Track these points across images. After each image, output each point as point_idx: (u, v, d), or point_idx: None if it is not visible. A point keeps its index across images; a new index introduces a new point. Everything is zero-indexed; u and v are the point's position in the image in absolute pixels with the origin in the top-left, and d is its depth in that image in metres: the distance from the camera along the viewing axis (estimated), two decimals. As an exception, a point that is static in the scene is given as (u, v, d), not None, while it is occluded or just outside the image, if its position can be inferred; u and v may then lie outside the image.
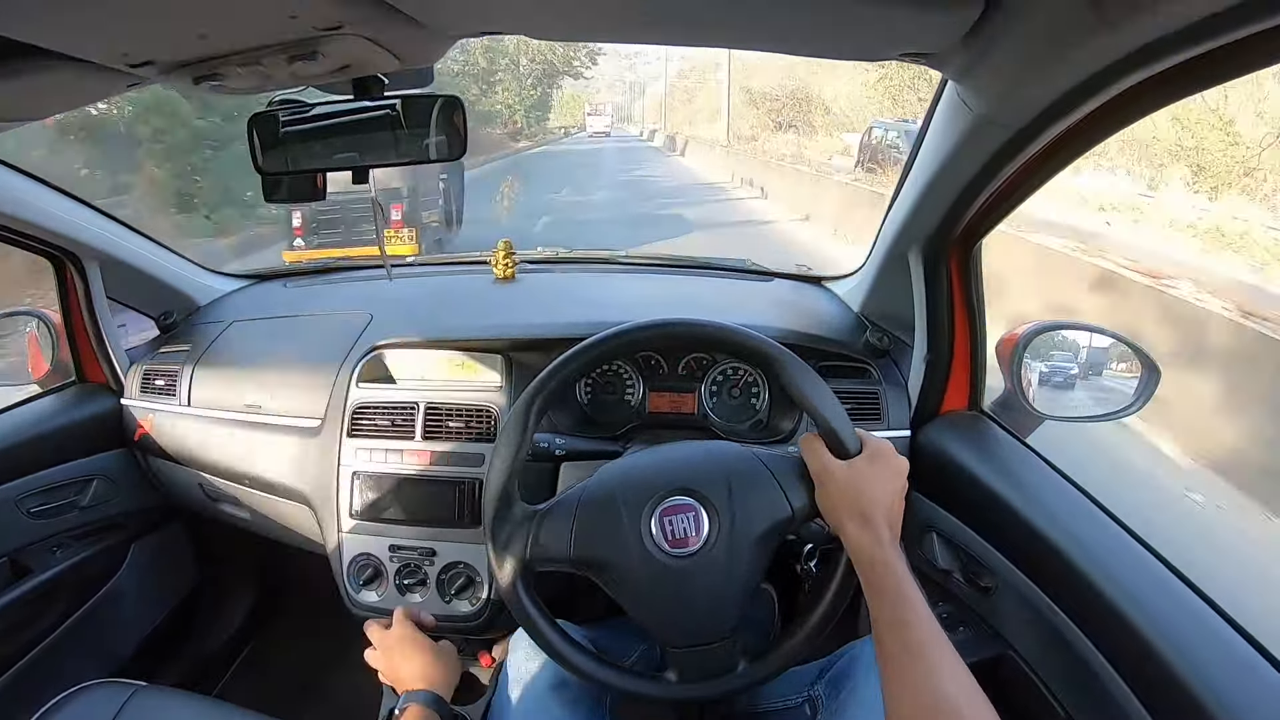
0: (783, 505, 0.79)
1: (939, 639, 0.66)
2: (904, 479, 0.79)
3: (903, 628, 0.67)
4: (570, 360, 0.82)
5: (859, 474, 0.77)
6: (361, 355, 1.30)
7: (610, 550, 0.79)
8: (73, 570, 1.42)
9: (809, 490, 0.79)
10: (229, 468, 1.37)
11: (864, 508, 0.74)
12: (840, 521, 0.76)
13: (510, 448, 0.81)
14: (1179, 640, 0.74)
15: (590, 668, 0.81)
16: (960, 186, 0.93)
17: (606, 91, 62.88)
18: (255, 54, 0.71)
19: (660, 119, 45.14)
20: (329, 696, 1.63)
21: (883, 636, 0.68)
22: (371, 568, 1.22)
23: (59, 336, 1.46)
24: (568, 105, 52.70)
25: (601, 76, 58.20)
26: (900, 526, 0.77)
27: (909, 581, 0.70)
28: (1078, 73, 0.65)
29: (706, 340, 0.87)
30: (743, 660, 0.82)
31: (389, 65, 0.79)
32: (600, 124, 46.75)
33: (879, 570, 0.71)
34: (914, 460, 1.17)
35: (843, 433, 0.78)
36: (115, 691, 1.00)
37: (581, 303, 1.53)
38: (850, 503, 0.75)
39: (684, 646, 0.81)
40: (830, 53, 0.83)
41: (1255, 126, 9.62)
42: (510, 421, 0.81)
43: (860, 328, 1.33)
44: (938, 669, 0.64)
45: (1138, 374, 1.11)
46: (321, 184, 1.07)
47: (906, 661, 0.65)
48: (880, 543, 0.73)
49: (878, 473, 0.77)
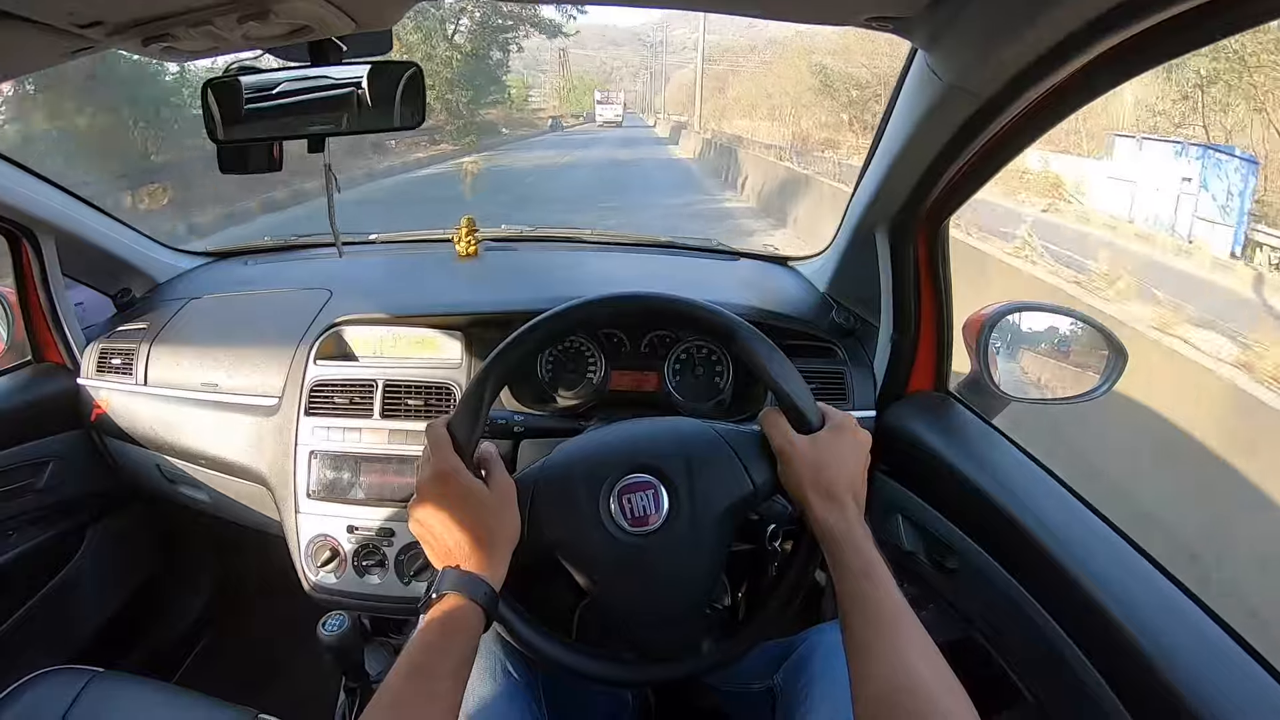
0: (744, 481, 0.78)
1: (906, 614, 0.65)
2: (866, 452, 0.78)
3: (869, 603, 0.66)
4: (528, 334, 0.79)
5: (822, 448, 0.75)
6: (320, 332, 1.28)
7: (568, 531, 0.77)
8: (28, 555, 1.40)
9: (771, 466, 0.78)
10: (186, 448, 1.34)
11: (827, 482, 0.73)
12: (804, 496, 0.74)
13: (471, 410, 0.77)
14: (1146, 621, 0.74)
15: (548, 648, 0.78)
16: (928, 160, 0.93)
17: (630, 79, 60.39)
18: (206, 14, 0.70)
19: (689, 109, 39.57)
20: (289, 681, 1.60)
21: (849, 613, 0.66)
22: (329, 549, 1.20)
23: (14, 315, 1.43)
24: (573, 92, 49.37)
25: (626, 65, 55.04)
26: (865, 500, 0.76)
27: (875, 557, 0.69)
28: (1048, 38, 0.64)
29: (667, 314, 0.85)
30: (707, 639, 0.81)
31: (345, 27, 0.77)
32: (609, 113, 43.07)
33: (844, 545, 0.70)
34: (879, 441, 1.17)
35: (804, 406, 0.77)
36: (71, 678, 0.99)
37: (544, 280, 1.52)
38: (813, 477, 0.74)
39: (647, 626, 0.79)
40: (795, 15, 0.82)
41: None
42: (467, 393, 0.78)
43: (826, 307, 1.32)
44: (906, 647, 0.63)
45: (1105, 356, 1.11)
46: (278, 155, 1.05)
47: (873, 638, 0.64)
48: (845, 518, 0.72)
49: (840, 446, 0.76)
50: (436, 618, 0.66)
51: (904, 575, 1.12)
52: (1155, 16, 0.56)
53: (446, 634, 0.65)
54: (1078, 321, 1.15)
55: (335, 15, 0.73)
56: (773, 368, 0.77)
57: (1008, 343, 1.15)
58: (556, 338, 1.09)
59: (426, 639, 0.65)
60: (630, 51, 58.05)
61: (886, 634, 0.64)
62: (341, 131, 0.97)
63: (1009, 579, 0.90)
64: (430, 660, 0.63)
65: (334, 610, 1.12)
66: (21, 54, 0.81)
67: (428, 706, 0.61)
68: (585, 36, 28.94)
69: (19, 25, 0.66)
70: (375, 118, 0.93)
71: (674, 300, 0.81)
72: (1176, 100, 12.74)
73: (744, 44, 36.65)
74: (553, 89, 51.00)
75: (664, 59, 61.22)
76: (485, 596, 0.67)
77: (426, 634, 0.65)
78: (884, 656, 0.62)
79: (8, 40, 0.71)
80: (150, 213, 10.18)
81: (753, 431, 0.81)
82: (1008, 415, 1.14)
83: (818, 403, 0.79)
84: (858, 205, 1.14)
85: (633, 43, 74.89)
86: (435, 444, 0.73)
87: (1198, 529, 3.37)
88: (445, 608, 0.66)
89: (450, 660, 0.64)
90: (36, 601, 1.42)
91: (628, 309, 0.84)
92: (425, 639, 0.64)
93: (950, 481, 1.02)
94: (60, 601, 1.46)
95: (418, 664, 0.63)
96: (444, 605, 0.66)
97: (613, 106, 43.92)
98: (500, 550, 0.71)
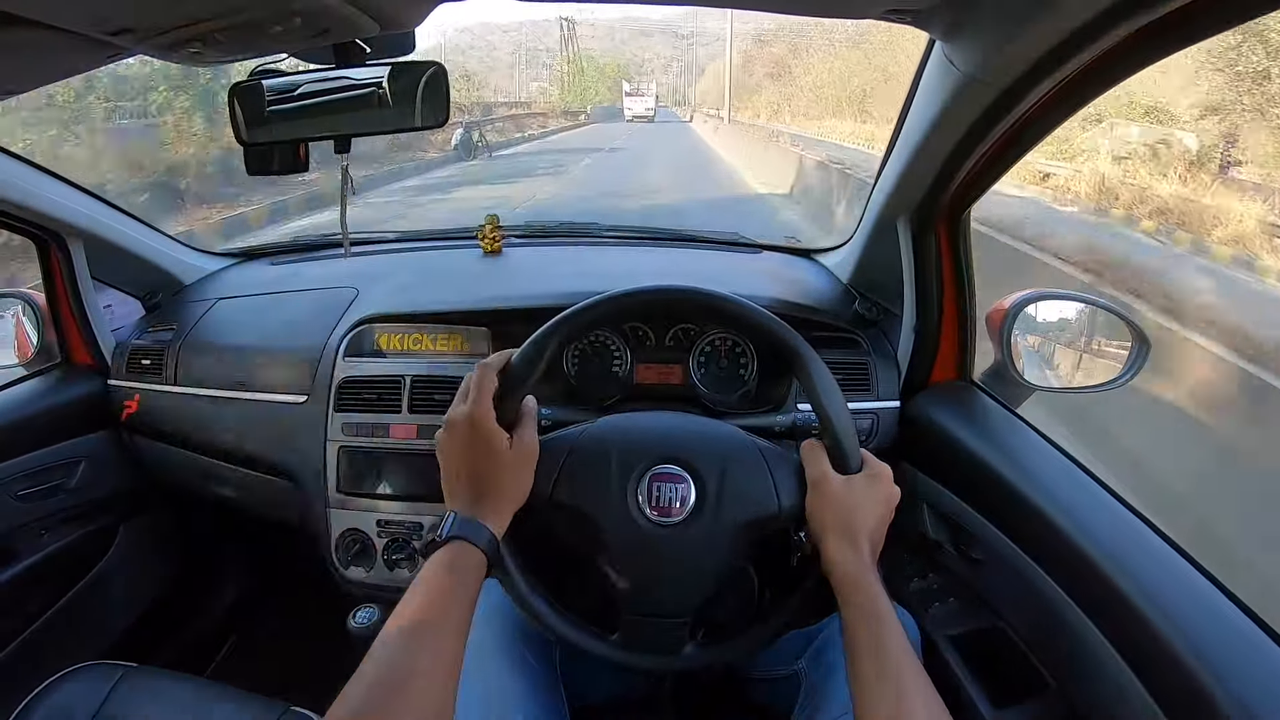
0: (771, 499, 0.78)
1: (909, 657, 0.67)
2: (893, 507, 0.79)
3: (877, 649, 0.67)
4: (599, 305, 0.80)
5: (854, 491, 0.76)
6: (347, 330, 1.29)
7: (593, 502, 0.78)
8: (61, 553, 1.42)
9: (801, 493, 0.78)
10: (216, 446, 1.36)
11: (851, 525, 0.74)
12: (824, 532, 0.75)
13: (530, 358, 0.78)
14: (1171, 609, 0.73)
15: (542, 610, 0.79)
16: (948, 151, 0.93)
17: (661, 73, 55.57)
18: (234, 19, 0.71)
19: (722, 101, 36.98)
20: (318, 674, 1.61)
21: (857, 656, 0.68)
22: (359, 544, 1.22)
23: (45, 318, 1.45)
24: (590, 81, 43.25)
25: (657, 56, 48.52)
26: (880, 549, 0.77)
27: (885, 603, 0.70)
28: (1064, 26, 0.64)
29: (728, 315, 0.84)
30: (691, 644, 0.81)
31: (369, 29, 0.78)
32: (640, 106, 38.19)
33: (856, 588, 0.71)
34: (903, 431, 1.18)
35: (848, 447, 0.78)
36: (105, 673, 1.00)
37: (569, 274, 1.52)
38: (838, 517, 0.75)
39: (637, 614, 0.79)
40: (813, 9, 0.81)
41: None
42: (527, 344, 0.79)
43: (849, 299, 1.32)
44: (909, 691, 0.64)
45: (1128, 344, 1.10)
46: (304, 155, 1.06)
47: (876, 679, 0.65)
48: (860, 562, 0.73)
49: (872, 494, 0.77)
50: (443, 560, 0.69)
51: (928, 565, 1.12)
52: (1169, 4, 0.56)
53: (453, 574, 0.68)
54: (1100, 309, 1.14)
55: (359, 17, 0.74)
56: (829, 403, 0.78)
57: (1031, 331, 1.14)
58: (625, 315, 1.10)
59: (434, 578, 0.67)
60: (660, 43, 56.72)
61: (890, 676, 0.65)
62: (364, 132, 0.98)
63: (1034, 568, 0.90)
64: (438, 600, 0.66)
65: (365, 603, 1.13)
66: (53, 61, 0.83)
67: (438, 640, 0.63)
68: (614, 28, 25.25)
69: (50, 33, 0.68)
70: (397, 117, 0.95)
71: (744, 306, 0.82)
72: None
73: (794, 25, 33.16)
74: (553, 78, 44.02)
75: (697, 51, 57.84)
76: (488, 544, 0.70)
77: (433, 573, 0.68)
78: (886, 697, 0.64)
79: (39, 47, 0.73)
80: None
81: (792, 457, 0.81)
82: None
83: (861, 450, 0.79)
84: (879, 196, 1.14)
85: (663, 34, 73.10)
86: (479, 384, 0.76)
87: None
88: (451, 551, 0.69)
89: (456, 604, 0.66)
90: (69, 598, 1.44)
91: (684, 302, 0.85)
92: (433, 578, 0.67)
93: (975, 471, 1.02)
94: (93, 598, 1.48)
95: (427, 600, 0.65)
96: (450, 549, 0.69)
97: (643, 99, 39.27)
98: (504, 506, 0.74)
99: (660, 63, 52.46)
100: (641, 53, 45.44)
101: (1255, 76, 11.75)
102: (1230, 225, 8.95)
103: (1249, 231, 8.74)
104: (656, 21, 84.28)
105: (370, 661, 0.60)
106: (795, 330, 0.80)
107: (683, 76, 62.02)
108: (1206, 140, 12.43)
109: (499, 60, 70.13)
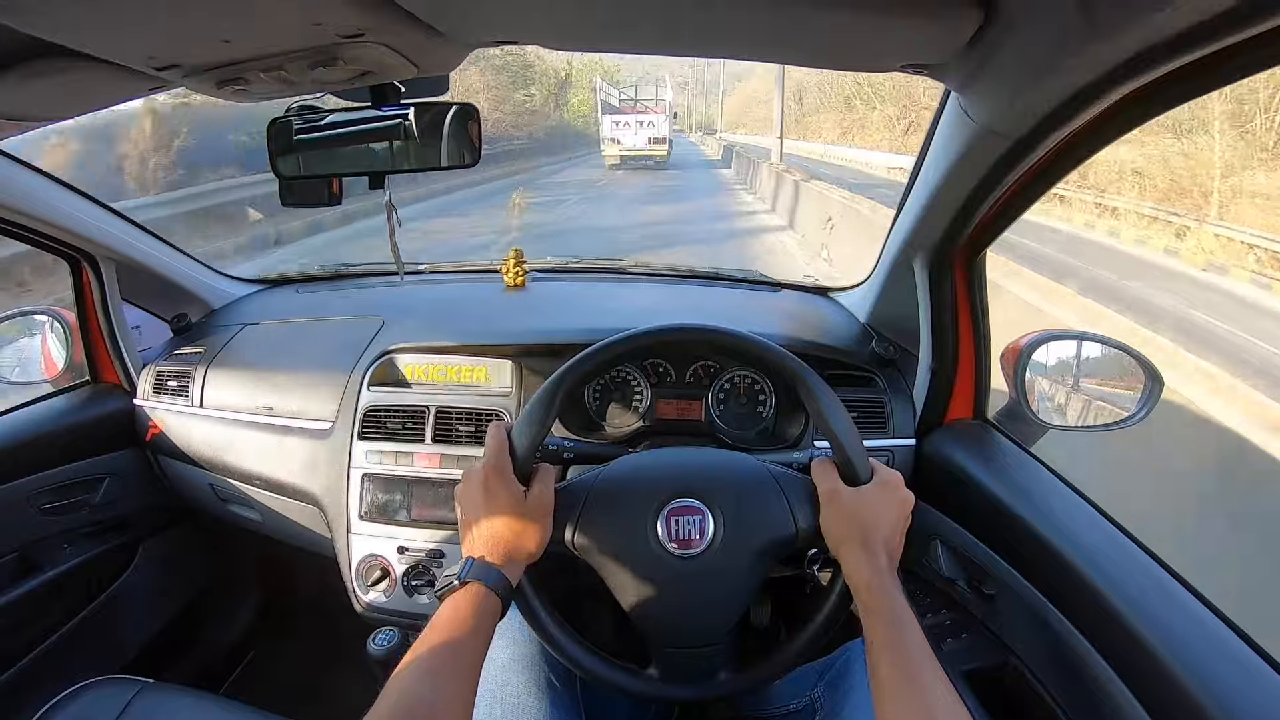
0: (787, 523, 0.81)
1: (931, 662, 0.68)
2: (909, 511, 0.81)
3: (897, 652, 0.68)
4: (612, 346, 0.84)
5: (866, 500, 0.78)
6: (373, 359, 1.31)
7: (615, 541, 0.80)
8: (82, 567, 1.44)
9: (815, 513, 0.81)
10: (240, 468, 1.38)
11: (866, 533, 0.76)
12: (840, 543, 0.77)
13: (537, 419, 0.81)
14: (1183, 647, 0.74)
15: (576, 653, 0.82)
16: (964, 196, 0.95)
17: (676, 91, 28.73)
18: (278, 60, 0.74)
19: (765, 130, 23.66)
20: (335, 697, 1.62)
21: (877, 659, 0.69)
22: (379, 569, 1.23)
23: (74, 336, 1.49)
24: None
25: (671, 75, 24.86)
26: (899, 557, 0.78)
27: (904, 606, 0.72)
28: (1074, 81, 0.66)
29: (733, 349, 0.88)
30: (724, 670, 0.83)
31: (407, 72, 0.81)
32: (632, 139, 21.23)
33: (875, 594, 0.73)
34: (919, 468, 1.18)
35: (856, 460, 0.80)
36: (121, 688, 1.02)
37: (591, 310, 1.55)
38: (853, 527, 0.77)
39: (671, 647, 0.82)
40: (833, 63, 0.84)
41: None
42: (533, 401, 0.82)
43: (866, 337, 1.34)
44: (931, 693, 0.65)
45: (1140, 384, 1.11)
46: (337, 190, 1.09)
47: (900, 683, 0.66)
48: (877, 568, 0.74)
49: (884, 501, 0.79)
50: (462, 600, 0.71)
51: (942, 601, 1.13)
52: (1171, 64, 0.58)
53: (470, 616, 0.70)
54: (1113, 349, 1.15)
55: (399, 62, 0.77)
56: (835, 422, 0.80)
57: (1044, 371, 1.16)
58: (641, 354, 1.13)
59: (450, 620, 0.69)
60: (675, 59, 52.82)
61: (913, 680, 0.66)
62: (393, 170, 1.00)
63: (1047, 606, 0.91)
64: (454, 641, 0.68)
65: (383, 626, 1.15)
66: (102, 92, 0.86)
67: (453, 682, 0.65)
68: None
69: (101, 67, 0.71)
70: (424, 155, 0.97)
71: (748, 339, 0.85)
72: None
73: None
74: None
75: (717, 67, 45.44)
76: (502, 587, 0.73)
77: (450, 615, 0.70)
78: (909, 700, 0.65)
79: (90, 80, 0.76)
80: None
81: (804, 477, 0.84)
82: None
83: (870, 460, 0.81)
84: (897, 237, 1.16)
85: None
86: (493, 443, 0.80)
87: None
88: (468, 594, 0.71)
89: (470, 645, 0.69)
90: (88, 613, 1.46)
91: (694, 339, 0.88)
92: (449, 620, 0.69)
93: (989, 508, 1.03)
94: (111, 613, 1.50)
95: (442, 640, 0.68)
96: (466, 591, 0.72)
97: (644, 119, 21.38)
98: (517, 557, 0.77)
99: (677, 82, 43.68)
100: (654, 70, 36.72)
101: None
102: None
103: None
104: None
105: (385, 697, 0.62)
106: (812, 367, 0.83)
107: (703, 97, 58.16)
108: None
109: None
